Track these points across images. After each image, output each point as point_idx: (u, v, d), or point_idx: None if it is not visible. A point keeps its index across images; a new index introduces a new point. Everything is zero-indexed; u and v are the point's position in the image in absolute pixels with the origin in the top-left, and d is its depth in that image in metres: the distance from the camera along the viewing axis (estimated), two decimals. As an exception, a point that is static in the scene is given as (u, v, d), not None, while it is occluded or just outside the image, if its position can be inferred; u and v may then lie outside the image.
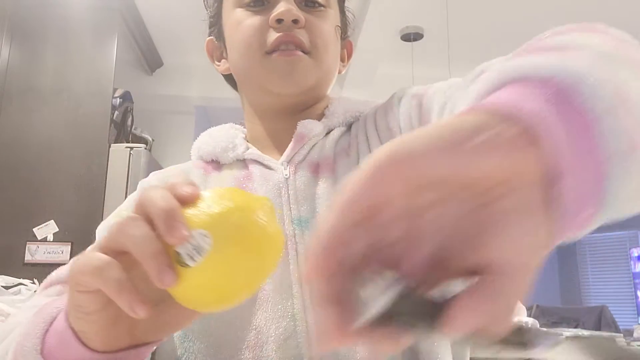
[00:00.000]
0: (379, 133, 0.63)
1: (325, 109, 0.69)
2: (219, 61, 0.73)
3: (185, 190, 0.35)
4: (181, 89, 3.81)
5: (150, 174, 0.70)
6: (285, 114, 0.67)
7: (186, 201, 0.35)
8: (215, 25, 0.72)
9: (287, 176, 0.62)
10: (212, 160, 0.68)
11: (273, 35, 0.63)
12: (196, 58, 3.71)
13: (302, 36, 0.63)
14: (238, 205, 0.35)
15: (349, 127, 0.67)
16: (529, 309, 4.75)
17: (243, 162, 0.66)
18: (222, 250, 0.34)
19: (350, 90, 3.79)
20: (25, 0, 2.59)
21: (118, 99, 2.62)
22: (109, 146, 2.47)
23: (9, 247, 2.31)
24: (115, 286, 0.34)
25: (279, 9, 0.62)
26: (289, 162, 0.63)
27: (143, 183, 0.68)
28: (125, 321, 0.37)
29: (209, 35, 0.75)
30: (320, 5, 0.66)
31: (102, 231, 0.63)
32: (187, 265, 0.33)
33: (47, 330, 0.39)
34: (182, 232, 0.33)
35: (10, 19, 2.55)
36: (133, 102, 2.76)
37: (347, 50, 0.75)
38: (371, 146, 0.62)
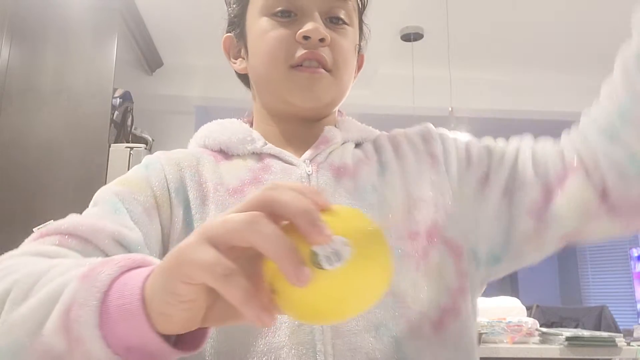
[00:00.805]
0: (417, 154, 0.72)
1: (336, 122, 0.76)
2: (236, 59, 0.75)
3: (318, 197, 0.36)
4: (181, 89, 3.81)
5: (156, 152, 0.70)
6: (299, 120, 0.71)
7: (318, 208, 0.35)
8: (238, 25, 0.73)
9: (309, 172, 0.66)
10: (220, 150, 0.70)
11: (299, 51, 0.65)
12: (196, 58, 3.71)
13: (326, 54, 0.66)
14: (371, 221, 0.36)
15: (356, 145, 0.74)
16: (528, 309, 4.74)
17: (258, 156, 0.68)
18: (359, 263, 0.33)
19: (350, 90, 3.78)
20: (25, 0, 2.59)
21: (118, 99, 2.62)
22: (109, 146, 2.47)
23: (8, 247, 2.30)
24: (243, 295, 0.33)
25: (308, 26, 0.64)
26: (311, 160, 0.67)
27: (149, 158, 0.69)
28: (204, 308, 0.37)
29: (227, 32, 0.76)
30: (344, 22, 0.69)
31: (103, 196, 0.61)
32: (323, 268, 0.33)
33: (102, 301, 0.37)
34: (327, 233, 0.33)
35: (10, 19, 2.55)
36: (133, 102, 2.76)
37: (358, 63, 0.78)
38: (403, 164, 0.70)
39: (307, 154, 0.68)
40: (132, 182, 0.63)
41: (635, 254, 7.16)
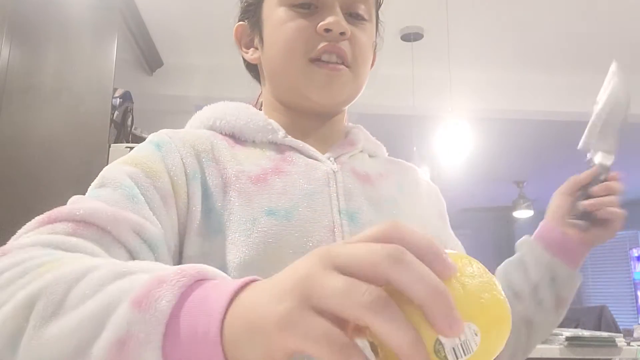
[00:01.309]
0: (429, 200, 0.75)
1: (346, 121, 0.76)
2: (248, 48, 0.73)
3: (448, 266, 0.30)
4: (181, 89, 3.80)
5: (163, 130, 0.65)
6: (313, 114, 0.70)
7: (440, 276, 0.30)
8: (254, 14, 0.71)
9: (335, 170, 0.66)
10: (232, 135, 0.67)
11: (319, 43, 0.64)
12: (196, 58, 3.71)
13: (346, 48, 0.65)
14: (498, 293, 0.31)
15: (369, 156, 0.75)
16: (529, 309, 4.74)
17: (277, 146, 0.67)
18: (485, 353, 0.30)
19: (350, 90, 3.78)
20: (25, 0, 2.59)
21: (118, 99, 2.61)
22: (109, 146, 2.47)
23: (9, 247, 2.30)
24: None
25: (330, 19, 0.63)
26: (335, 159, 0.67)
27: (159, 136, 0.63)
28: None
29: (240, 20, 0.74)
30: (364, 18, 0.68)
31: (115, 177, 0.55)
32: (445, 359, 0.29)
33: (164, 334, 0.32)
34: (460, 327, 0.28)
35: (10, 19, 2.55)
36: (133, 102, 2.76)
37: (372, 61, 0.77)
38: (415, 197, 0.73)
39: (332, 151, 0.68)
40: (146, 163, 0.58)
41: (635, 254, 7.16)
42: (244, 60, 0.75)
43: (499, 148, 5.23)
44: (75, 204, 0.51)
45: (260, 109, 0.75)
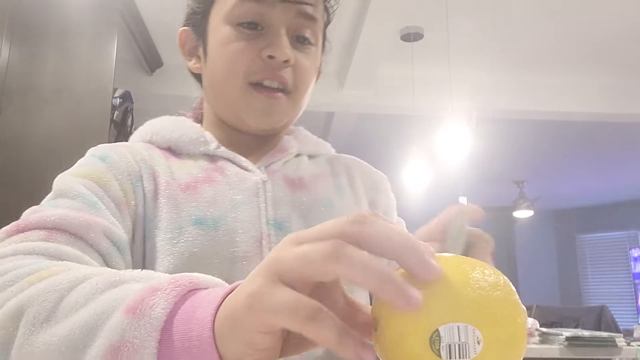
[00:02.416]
0: (366, 197, 0.73)
1: (290, 132, 0.76)
2: (191, 56, 0.72)
3: (431, 270, 0.30)
4: (181, 89, 3.79)
5: (100, 145, 0.66)
6: (250, 133, 0.70)
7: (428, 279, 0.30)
8: (199, 24, 0.70)
9: (264, 180, 0.66)
10: (168, 148, 0.68)
11: (260, 69, 0.63)
12: (196, 58, 3.71)
13: (288, 75, 0.64)
14: (517, 315, 0.30)
15: (309, 156, 0.74)
16: (529, 308, 4.74)
17: (210, 157, 0.67)
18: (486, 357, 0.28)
19: (350, 90, 3.79)
20: (25, 0, 2.59)
21: (118, 99, 2.61)
22: (109, 146, 2.47)
23: (9, 247, 2.30)
24: (335, 335, 0.29)
25: (275, 47, 0.62)
26: (266, 167, 0.67)
27: (100, 150, 0.64)
28: (280, 347, 0.34)
29: (185, 26, 0.73)
30: (310, 43, 0.67)
31: (72, 187, 0.55)
32: (439, 356, 0.28)
33: (159, 341, 0.32)
34: (417, 300, 0.28)
35: (10, 19, 2.55)
36: (133, 102, 2.76)
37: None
38: (356, 197, 0.72)
39: (262, 161, 0.68)
40: (94, 174, 0.58)
41: (635, 254, 7.16)
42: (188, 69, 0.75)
43: (499, 148, 5.23)
44: (40, 212, 0.51)
45: (202, 118, 0.75)
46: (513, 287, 0.32)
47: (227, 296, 0.33)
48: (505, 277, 0.32)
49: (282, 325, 0.29)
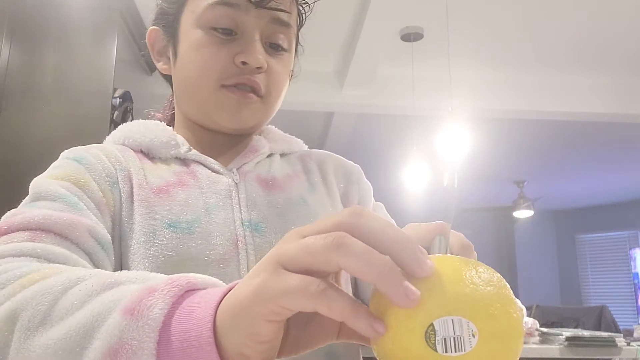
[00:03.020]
0: (339, 190, 0.73)
1: (261, 131, 0.75)
2: (160, 56, 0.72)
3: (426, 265, 0.30)
4: (181, 89, 3.80)
5: (75, 148, 0.65)
6: (221, 133, 0.69)
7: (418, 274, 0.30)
8: (170, 25, 0.69)
9: (237, 181, 0.65)
10: (139, 151, 0.67)
11: (233, 73, 0.63)
12: (196, 58, 3.70)
13: (261, 80, 0.65)
14: (513, 311, 0.30)
15: (281, 155, 0.74)
16: (529, 308, 4.74)
17: (182, 161, 0.67)
18: (481, 354, 0.29)
19: (350, 90, 3.79)
20: (25, 0, 2.59)
21: (118, 99, 2.61)
22: (109, 146, 2.47)
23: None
24: (348, 306, 0.29)
25: (249, 54, 0.62)
26: (238, 169, 0.67)
27: (74, 152, 0.64)
28: (280, 342, 0.34)
29: (155, 25, 0.71)
30: (283, 49, 0.67)
31: (51, 189, 0.55)
32: (434, 349, 0.28)
33: (158, 342, 0.32)
34: (416, 295, 0.29)
35: (10, 19, 2.55)
36: (133, 102, 2.76)
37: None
38: (330, 192, 0.71)
39: (234, 162, 0.68)
40: (72, 175, 0.58)
41: (635, 254, 7.16)
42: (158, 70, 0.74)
43: (499, 148, 5.23)
44: (22, 214, 0.50)
45: (172, 119, 0.75)
46: (506, 283, 0.32)
47: (225, 295, 0.34)
48: (499, 275, 0.32)
49: (294, 305, 0.30)
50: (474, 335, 0.28)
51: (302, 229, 0.33)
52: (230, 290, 0.34)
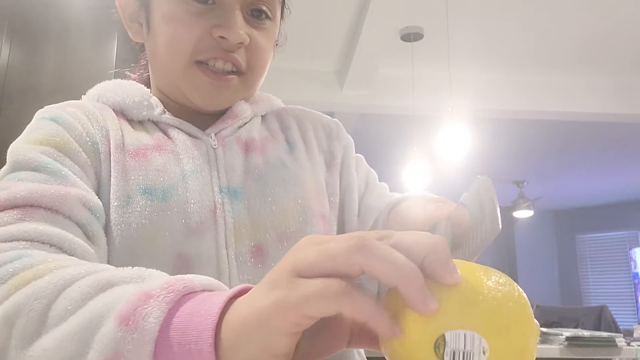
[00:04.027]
0: (320, 147, 0.70)
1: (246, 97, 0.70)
2: (132, 22, 0.67)
3: (455, 274, 0.30)
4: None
5: (50, 106, 0.62)
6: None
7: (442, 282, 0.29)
8: None
9: (215, 146, 0.62)
10: (120, 111, 0.63)
11: (209, 47, 0.58)
12: (196, 58, 3.70)
13: (241, 57, 0.60)
14: (528, 330, 0.29)
15: (262, 117, 0.70)
16: (529, 309, 4.74)
17: (156, 125, 0.63)
18: None
19: (350, 90, 3.78)
20: (25, 0, 2.59)
21: (118, 99, 2.62)
22: (109, 146, 2.47)
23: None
24: (372, 305, 0.29)
25: (227, 28, 0.57)
26: (216, 134, 0.63)
27: (50, 112, 0.60)
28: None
29: None
30: (267, 17, 0.62)
31: (31, 157, 0.52)
32: None
33: (154, 354, 0.31)
34: (435, 304, 0.28)
35: (10, 19, 2.55)
36: (133, 102, 2.76)
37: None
38: (309, 149, 0.68)
39: (213, 127, 0.63)
40: (51, 138, 0.55)
41: (635, 254, 7.16)
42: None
43: (499, 148, 5.23)
44: (7, 189, 0.47)
45: (148, 81, 0.70)
46: (527, 300, 0.31)
47: (229, 303, 0.32)
48: (520, 289, 0.31)
49: (317, 310, 0.28)
50: (484, 353, 0.28)
51: (318, 237, 0.31)
52: (234, 296, 0.33)
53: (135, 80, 0.71)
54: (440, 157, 3.32)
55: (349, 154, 0.73)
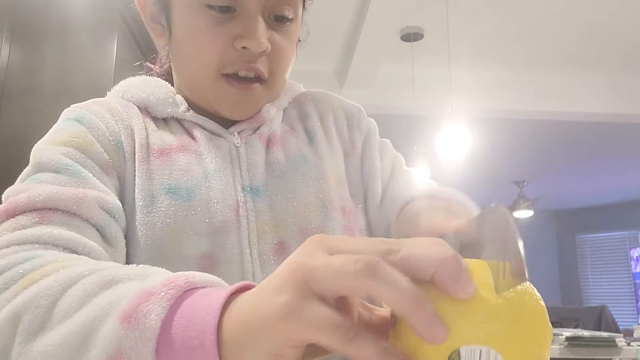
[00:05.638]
0: (340, 135, 0.70)
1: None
2: (154, 23, 0.67)
3: (469, 288, 0.29)
4: (181, 89, 3.80)
5: (74, 106, 0.62)
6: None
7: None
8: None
9: (238, 145, 0.62)
10: (144, 107, 0.64)
11: (233, 60, 0.59)
12: (196, 58, 3.70)
13: (263, 65, 0.60)
14: (537, 328, 0.29)
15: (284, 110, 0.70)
16: (529, 309, 4.74)
17: (179, 123, 0.63)
18: None
19: (350, 90, 3.79)
20: (25, 0, 2.59)
21: (118, 99, 2.62)
22: (109, 146, 2.47)
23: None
24: (379, 354, 0.28)
25: (250, 38, 0.57)
26: (239, 133, 0.63)
27: (76, 112, 0.61)
28: None
29: None
30: (288, 19, 0.61)
31: (53, 159, 0.53)
32: None
33: (157, 350, 0.32)
34: (444, 332, 0.28)
35: (10, 19, 2.55)
36: (133, 102, 2.76)
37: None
38: (329, 138, 0.68)
39: (236, 126, 0.63)
40: (74, 139, 0.55)
41: (635, 254, 7.16)
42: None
43: (499, 148, 5.23)
44: (28, 191, 0.48)
45: (169, 73, 0.70)
46: (544, 307, 0.30)
47: (231, 298, 0.32)
48: (537, 294, 0.30)
49: (321, 341, 0.28)
50: None
51: (330, 241, 0.31)
52: (237, 291, 0.33)
53: (157, 72, 0.72)
54: (440, 157, 3.32)
55: (371, 141, 0.73)
